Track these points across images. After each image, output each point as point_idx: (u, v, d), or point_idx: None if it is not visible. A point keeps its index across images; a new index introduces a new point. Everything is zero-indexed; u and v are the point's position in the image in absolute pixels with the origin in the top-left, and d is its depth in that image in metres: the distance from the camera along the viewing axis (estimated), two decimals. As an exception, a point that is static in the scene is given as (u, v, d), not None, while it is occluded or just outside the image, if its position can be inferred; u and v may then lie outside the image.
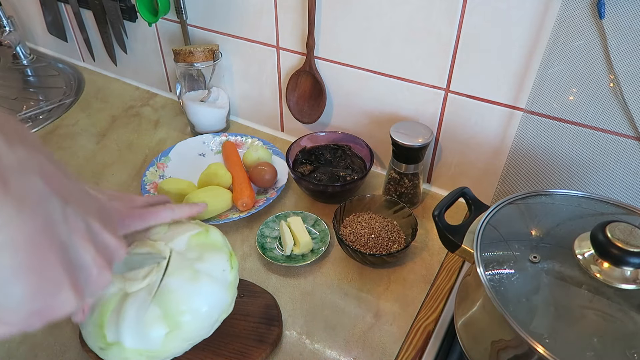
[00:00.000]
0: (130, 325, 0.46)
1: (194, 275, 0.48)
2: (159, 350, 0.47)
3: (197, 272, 0.49)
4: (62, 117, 1.05)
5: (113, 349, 0.46)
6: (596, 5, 0.54)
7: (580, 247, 0.47)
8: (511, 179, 0.73)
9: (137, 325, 0.46)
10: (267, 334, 0.58)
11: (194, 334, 0.49)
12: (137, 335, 0.46)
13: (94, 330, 0.47)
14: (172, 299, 0.47)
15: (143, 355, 0.47)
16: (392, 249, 0.69)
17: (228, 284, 0.51)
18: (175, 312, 0.47)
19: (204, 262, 0.50)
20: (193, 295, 0.48)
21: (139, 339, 0.46)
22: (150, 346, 0.47)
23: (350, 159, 0.84)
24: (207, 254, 0.51)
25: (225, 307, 0.51)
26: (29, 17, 1.25)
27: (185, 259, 0.49)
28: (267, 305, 0.62)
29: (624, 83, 0.57)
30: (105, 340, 0.46)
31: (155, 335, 0.46)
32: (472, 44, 0.66)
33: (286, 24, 0.82)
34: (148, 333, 0.46)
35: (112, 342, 0.46)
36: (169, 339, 0.47)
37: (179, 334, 0.47)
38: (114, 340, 0.46)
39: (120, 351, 0.46)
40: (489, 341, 0.47)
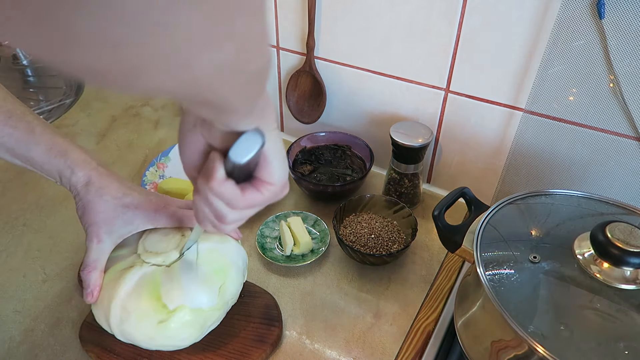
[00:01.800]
0: (190, 286, 0.49)
1: (222, 237, 0.55)
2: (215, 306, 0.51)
3: (222, 235, 0.55)
4: (62, 117, 1.05)
5: (177, 316, 0.48)
6: (596, 5, 0.54)
7: (580, 247, 0.47)
8: (511, 179, 0.73)
9: (195, 285, 0.50)
10: (267, 335, 0.58)
11: (235, 290, 0.54)
12: (197, 294, 0.49)
13: (149, 307, 0.48)
14: (216, 256, 0.52)
15: (203, 315, 0.50)
16: (392, 249, 0.69)
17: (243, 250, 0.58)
18: (222, 267, 0.52)
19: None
20: (229, 250, 0.54)
21: (200, 297, 0.49)
22: (210, 302, 0.50)
23: (350, 159, 0.84)
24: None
25: (246, 270, 0.57)
26: (29, 17, 1.25)
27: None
28: (267, 305, 0.62)
29: (624, 83, 0.57)
30: (167, 309, 0.48)
31: (212, 290, 0.50)
32: (472, 44, 0.66)
33: (286, 24, 0.82)
34: (206, 289, 0.50)
35: (174, 308, 0.48)
36: (222, 293, 0.51)
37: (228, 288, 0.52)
38: (177, 306, 0.48)
39: (183, 315, 0.48)
40: (489, 341, 0.47)
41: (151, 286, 0.49)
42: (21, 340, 0.60)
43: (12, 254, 0.72)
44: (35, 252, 0.72)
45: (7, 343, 0.60)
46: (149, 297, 0.48)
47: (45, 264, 0.70)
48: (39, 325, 0.62)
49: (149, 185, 0.82)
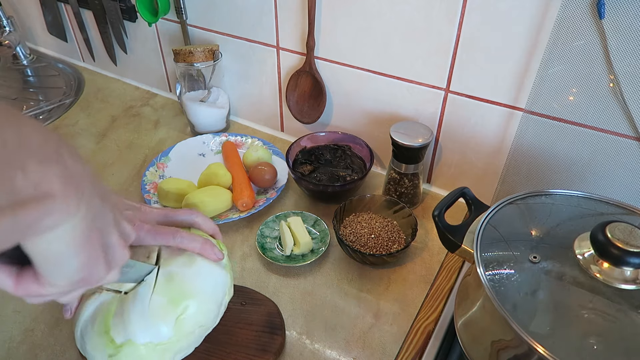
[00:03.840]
0: (138, 320, 0.45)
1: (189, 259, 0.48)
2: (173, 339, 0.46)
3: (191, 256, 0.48)
4: (62, 117, 1.05)
5: (125, 351, 0.44)
6: (596, 5, 0.54)
7: (580, 247, 0.47)
8: (511, 179, 0.73)
9: (144, 318, 0.45)
10: (270, 343, 0.57)
11: (203, 317, 0.48)
12: (146, 328, 0.45)
13: (99, 339, 0.45)
14: (174, 284, 0.46)
15: (157, 349, 0.45)
16: (392, 249, 0.69)
17: (224, 265, 0.51)
18: (180, 296, 0.46)
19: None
20: (194, 276, 0.47)
21: (150, 332, 0.45)
22: (163, 337, 0.45)
23: (350, 159, 0.84)
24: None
25: (227, 287, 0.51)
26: (29, 17, 1.25)
27: (174, 249, 0.49)
28: (269, 313, 0.61)
29: (624, 83, 0.57)
30: (115, 343, 0.44)
31: (166, 324, 0.45)
32: (472, 44, 0.66)
33: (286, 24, 0.82)
34: (157, 322, 0.45)
35: (122, 343, 0.44)
36: (179, 326, 0.46)
37: (189, 319, 0.46)
38: (123, 341, 0.44)
39: (133, 350, 0.44)
40: (489, 341, 0.47)
41: (104, 316, 0.46)
42: (21, 340, 0.60)
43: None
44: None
45: (7, 343, 0.60)
46: (100, 330, 0.45)
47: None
48: (39, 325, 0.62)
49: (149, 185, 0.82)
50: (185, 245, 0.48)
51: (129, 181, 0.86)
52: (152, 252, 0.48)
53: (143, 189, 0.81)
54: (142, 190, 0.81)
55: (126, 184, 0.86)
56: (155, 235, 0.46)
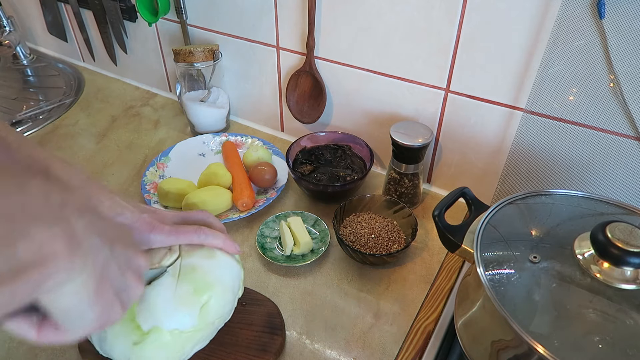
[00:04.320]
0: (165, 307, 0.46)
1: (209, 252, 0.50)
2: (196, 327, 0.47)
3: (210, 250, 0.50)
4: (62, 117, 1.05)
5: (151, 337, 0.45)
6: (596, 5, 0.54)
7: (580, 247, 0.47)
8: (511, 179, 0.73)
9: (171, 305, 0.46)
10: (270, 344, 0.57)
11: (223, 309, 0.50)
12: (173, 315, 0.46)
13: (124, 327, 0.45)
14: (198, 274, 0.48)
15: (181, 337, 0.47)
16: (392, 249, 0.69)
17: (237, 260, 0.53)
18: (204, 286, 0.47)
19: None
20: (215, 267, 0.49)
21: (176, 319, 0.46)
22: (188, 324, 0.47)
23: (350, 159, 0.84)
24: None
25: (241, 281, 0.53)
26: (29, 17, 1.25)
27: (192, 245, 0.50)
28: (269, 313, 0.61)
29: (624, 83, 0.57)
30: (141, 330, 0.45)
31: (192, 311, 0.47)
32: (472, 44, 0.66)
33: (286, 24, 0.82)
34: (184, 310, 0.46)
35: (149, 330, 0.45)
36: (203, 315, 0.47)
37: (212, 309, 0.48)
38: (150, 327, 0.45)
39: (159, 336, 0.45)
40: (489, 341, 0.47)
41: None
42: (21, 340, 0.60)
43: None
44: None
45: (7, 343, 0.60)
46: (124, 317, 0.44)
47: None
48: (39, 325, 0.62)
49: (149, 185, 0.82)
50: (210, 242, 0.49)
51: (129, 181, 0.86)
52: (173, 245, 0.50)
53: (143, 189, 0.81)
54: (142, 190, 0.81)
55: (126, 184, 0.86)
56: (178, 234, 0.47)
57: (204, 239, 0.49)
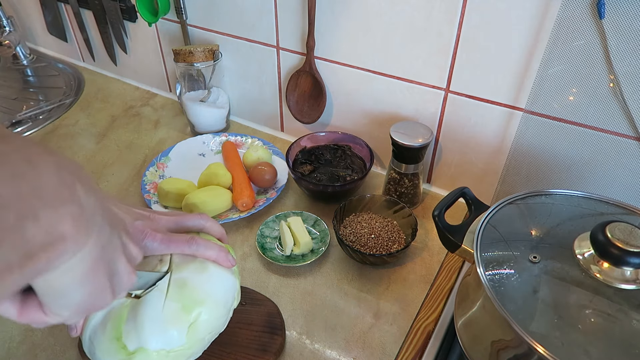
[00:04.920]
0: (152, 327, 0.44)
1: (201, 265, 0.48)
2: (185, 346, 0.46)
3: (203, 262, 0.48)
4: (62, 117, 1.05)
5: (137, 357, 0.44)
6: (596, 5, 0.54)
7: (580, 247, 0.47)
8: (511, 179, 0.73)
9: (158, 324, 0.44)
10: (270, 343, 0.57)
11: (214, 323, 0.48)
12: (160, 335, 0.44)
13: (111, 346, 0.44)
14: (187, 290, 0.46)
15: (169, 356, 0.45)
16: (392, 249, 0.69)
17: (233, 271, 0.51)
18: (193, 303, 0.46)
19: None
20: (206, 283, 0.47)
21: (163, 339, 0.44)
22: (175, 344, 0.45)
23: (350, 159, 0.84)
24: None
25: (236, 293, 0.51)
26: (29, 17, 1.25)
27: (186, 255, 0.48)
28: (269, 313, 0.61)
29: (624, 83, 0.57)
30: (127, 350, 0.44)
31: (179, 330, 0.45)
32: (472, 44, 0.66)
33: (286, 24, 0.82)
34: (171, 330, 0.45)
35: (134, 350, 0.44)
36: (192, 332, 0.46)
37: (201, 325, 0.46)
38: (136, 347, 0.44)
39: (145, 357, 0.44)
40: (489, 341, 0.47)
41: (116, 322, 0.45)
42: (21, 340, 0.60)
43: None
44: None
45: (7, 343, 0.60)
46: (111, 336, 0.44)
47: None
48: (39, 325, 0.62)
49: (149, 185, 0.82)
50: (202, 254, 0.47)
51: (129, 181, 0.86)
52: (164, 257, 0.48)
53: (143, 189, 0.81)
54: (142, 190, 0.81)
55: (126, 184, 0.86)
56: (169, 244, 0.46)
57: (196, 250, 0.47)
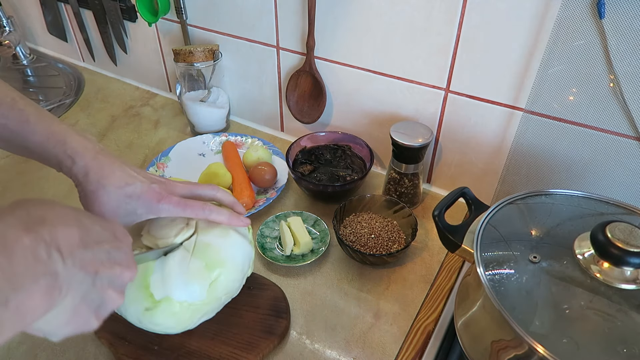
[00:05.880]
0: (177, 279, 0.49)
1: (224, 231, 0.53)
2: (205, 301, 0.50)
3: (225, 229, 0.53)
4: (62, 117, 1.05)
5: (162, 306, 0.48)
6: (596, 5, 0.54)
7: (580, 247, 0.47)
8: (511, 179, 0.73)
9: (183, 278, 0.49)
10: (276, 326, 0.59)
11: (230, 285, 0.53)
12: (184, 287, 0.49)
13: (138, 293, 0.48)
14: (211, 251, 0.51)
15: (190, 309, 0.50)
16: (392, 249, 0.69)
17: (249, 240, 0.56)
18: (215, 262, 0.51)
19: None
20: (228, 246, 0.52)
21: (187, 291, 0.49)
22: (197, 297, 0.50)
23: (350, 159, 0.84)
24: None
25: (251, 261, 0.57)
26: (29, 17, 1.25)
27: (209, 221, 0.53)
28: (275, 297, 0.63)
29: (624, 83, 0.57)
30: (153, 298, 0.48)
31: (201, 285, 0.50)
32: (472, 44, 0.66)
33: (286, 24, 0.82)
34: (194, 284, 0.49)
35: (160, 299, 0.48)
36: (212, 290, 0.50)
37: (220, 285, 0.51)
38: (162, 297, 0.48)
39: (169, 306, 0.48)
40: (489, 341, 0.47)
41: (143, 272, 0.49)
42: (21, 340, 0.60)
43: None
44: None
45: (7, 343, 0.60)
46: (139, 284, 0.48)
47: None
48: (39, 325, 0.62)
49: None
50: (214, 218, 0.51)
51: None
52: (190, 221, 0.53)
53: (143, 189, 0.81)
54: (142, 190, 0.81)
55: (126, 184, 0.86)
56: (185, 207, 0.49)
57: (209, 214, 0.50)
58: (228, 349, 0.56)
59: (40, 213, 0.33)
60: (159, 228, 0.52)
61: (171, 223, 0.52)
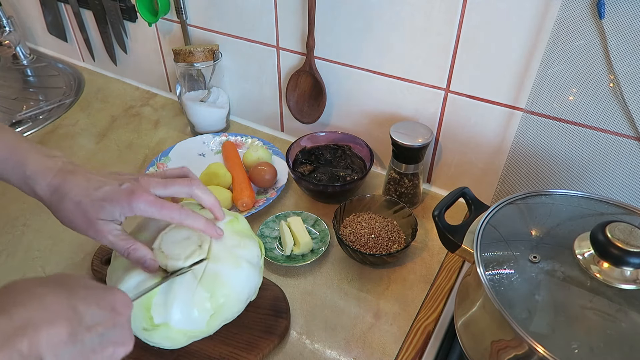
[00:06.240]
0: (179, 307, 0.48)
1: (237, 261, 0.52)
2: (203, 330, 0.50)
3: (238, 259, 0.52)
4: (62, 117, 1.05)
5: (159, 330, 0.48)
6: (596, 5, 0.54)
7: (580, 247, 0.47)
8: (511, 179, 0.73)
9: (185, 307, 0.48)
10: (275, 326, 0.59)
11: (231, 314, 0.52)
12: (185, 316, 0.48)
13: (139, 313, 0.47)
14: (219, 282, 0.49)
15: (187, 336, 0.49)
16: (392, 249, 0.69)
17: (259, 269, 0.56)
18: (220, 295, 0.50)
19: (242, 249, 0.53)
20: (236, 279, 0.51)
21: (186, 320, 0.48)
22: (196, 326, 0.49)
23: (350, 159, 0.84)
24: (244, 241, 0.54)
25: (257, 289, 0.56)
26: (29, 17, 1.25)
27: (225, 245, 0.52)
28: (275, 297, 0.63)
29: (624, 83, 0.57)
30: (152, 321, 0.47)
31: (202, 316, 0.49)
32: (472, 43, 0.66)
33: (286, 24, 0.82)
34: (195, 314, 0.48)
35: (159, 324, 0.48)
36: (212, 320, 0.50)
37: (221, 315, 0.50)
38: (161, 322, 0.48)
39: (166, 332, 0.48)
40: (489, 341, 0.47)
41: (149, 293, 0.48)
42: (21, 340, 0.60)
43: (12, 254, 0.72)
44: (35, 252, 0.72)
45: (7, 343, 0.60)
46: (141, 304, 0.47)
47: (45, 264, 0.70)
48: (39, 325, 0.62)
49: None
50: (189, 224, 0.49)
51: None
52: (204, 243, 0.51)
53: (143, 189, 0.81)
54: (142, 190, 0.81)
55: (126, 184, 0.86)
56: (161, 208, 0.47)
57: (185, 219, 0.48)
58: (228, 349, 0.57)
59: (25, 314, 0.32)
60: (170, 245, 0.50)
61: (184, 241, 0.51)
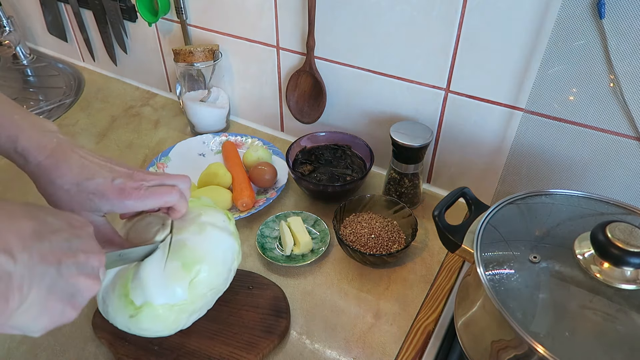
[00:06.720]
0: (155, 283, 0.48)
1: (200, 227, 0.52)
2: (187, 301, 0.49)
3: (202, 224, 0.52)
4: (62, 117, 1.05)
5: (144, 311, 0.48)
6: (596, 5, 0.54)
7: (580, 247, 0.47)
8: (511, 179, 0.73)
9: (160, 281, 0.48)
10: (275, 325, 0.59)
11: (214, 280, 0.52)
12: (163, 290, 0.48)
13: (120, 302, 0.48)
14: (187, 249, 0.50)
15: (173, 310, 0.49)
16: (392, 249, 0.69)
17: (231, 232, 0.55)
18: (192, 261, 0.49)
19: (204, 216, 0.53)
20: (204, 242, 0.51)
21: (166, 294, 0.48)
22: (178, 298, 0.49)
23: (350, 159, 0.84)
24: (204, 210, 0.54)
25: (236, 253, 0.55)
26: (29, 17, 1.25)
27: (186, 218, 0.53)
28: (275, 297, 0.63)
29: (624, 83, 0.57)
30: (134, 305, 0.48)
31: (181, 286, 0.49)
32: (472, 44, 0.66)
33: (286, 24, 0.82)
34: (172, 285, 0.48)
35: (141, 305, 0.48)
36: (193, 287, 0.49)
37: (202, 281, 0.50)
38: (142, 302, 0.48)
39: (151, 311, 0.48)
40: (489, 341, 0.47)
41: (123, 280, 0.49)
42: (21, 340, 0.60)
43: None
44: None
45: (7, 343, 0.60)
46: (120, 293, 0.48)
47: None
48: (39, 325, 0.62)
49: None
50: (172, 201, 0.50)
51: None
52: (166, 221, 0.52)
53: (143, 189, 0.81)
54: (142, 190, 0.81)
55: (126, 184, 0.86)
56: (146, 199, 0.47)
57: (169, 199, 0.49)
58: (228, 348, 0.57)
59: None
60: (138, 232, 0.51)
61: (147, 226, 0.51)
